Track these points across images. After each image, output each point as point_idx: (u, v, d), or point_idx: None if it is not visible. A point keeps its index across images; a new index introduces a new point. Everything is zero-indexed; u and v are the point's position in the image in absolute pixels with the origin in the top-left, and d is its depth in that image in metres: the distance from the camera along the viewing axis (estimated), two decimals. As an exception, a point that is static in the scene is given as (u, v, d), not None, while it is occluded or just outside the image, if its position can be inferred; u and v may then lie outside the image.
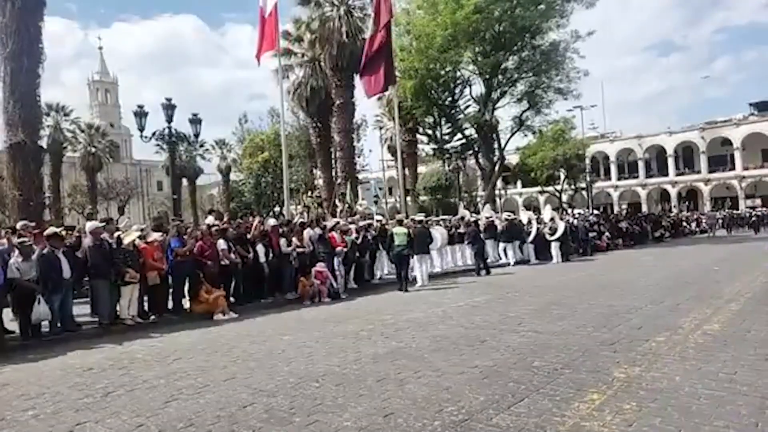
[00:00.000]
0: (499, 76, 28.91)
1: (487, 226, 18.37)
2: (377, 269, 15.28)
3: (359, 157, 37.37)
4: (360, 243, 13.94)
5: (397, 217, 15.74)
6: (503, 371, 5.48)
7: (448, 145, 35.34)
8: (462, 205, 26.58)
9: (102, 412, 4.87)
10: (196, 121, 17.32)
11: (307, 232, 12.84)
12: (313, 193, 24.14)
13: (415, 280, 13.83)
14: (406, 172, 38.06)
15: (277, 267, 11.98)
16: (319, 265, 12.04)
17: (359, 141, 38.27)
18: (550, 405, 4.43)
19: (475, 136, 31.38)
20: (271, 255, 11.87)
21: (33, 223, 10.57)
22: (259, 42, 18.02)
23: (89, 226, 9.83)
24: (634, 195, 61.64)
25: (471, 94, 31.41)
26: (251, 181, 45.95)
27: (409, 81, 27.88)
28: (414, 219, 15.74)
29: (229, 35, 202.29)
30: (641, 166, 61.17)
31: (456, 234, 17.93)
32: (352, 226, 14.31)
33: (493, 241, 18.54)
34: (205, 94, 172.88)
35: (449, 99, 31.52)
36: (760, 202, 52.36)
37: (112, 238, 9.78)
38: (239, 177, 52.65)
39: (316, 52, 28.43)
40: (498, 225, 19.04)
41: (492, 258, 18.05)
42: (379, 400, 4.78)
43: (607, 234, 24.59)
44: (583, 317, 8.18)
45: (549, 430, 3.95)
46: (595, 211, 33.95)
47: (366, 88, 19.81)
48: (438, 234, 16.25)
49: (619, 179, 62.79)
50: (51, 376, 6.35)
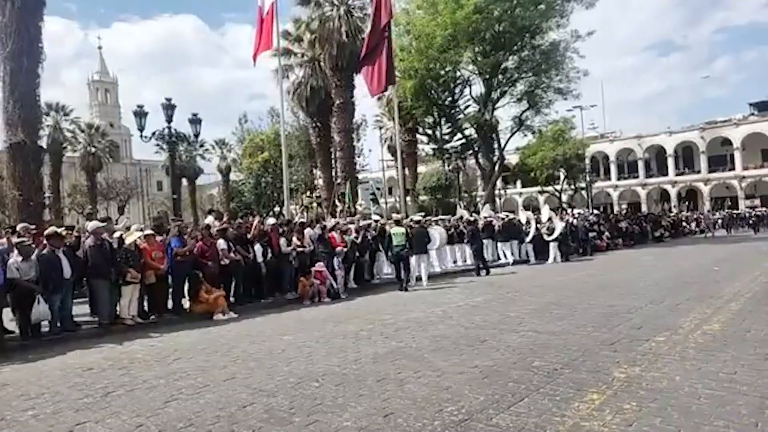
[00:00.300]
0: (499, 76, 28.92)
1: (485, 225, 18.38)
2: (376, 269, 15.28)
3: (359, 157, 37.39)
4: (360, 243, 13.95)
5: (394, 217, 15.72)
6: (503, 371, 5.48)
7: (447, 145, 35.36)
8: (461, 206, 26.54)
9: (102, 412, 4.87)
10: (195, 121, 17.34)
11: (307, 231, 12.86)
12: (314, 193, 24.14)
13: (417, 279, 13.85)
14: (406, 172, 38.10)
15: (276, 267, 11.98)
16: (319, 265, 12.05)
17: (359, 141, 38.29)
18: (550, 405, 4.43)
19: (475, 136, 31.40)
20: (270, 255, 11.87)
21: (33, 225, 10.56)
22: (257, 42, 18.02)
23: (91, 226, 9.83)
24: (634, 195, 61.66)
25: (471, 94, 31.49)
26: (251, 181, 45.97)
27: (409, 81, 27.89)
28: (412, 219, 15.74)
29: (229, 35, 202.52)
30: (641, 166, 61.19)
31: (455, 234, 17.94)
32: (352, 226, 14.33)
33: (491, 240, 18.56)
34: (205, 94, 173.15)
35: (449, 99, 31.52)
36: (759, 202, 52.40)
37: (111, 238, 9.78)
38: (239, 177, 52.66)
39: (316, 52, 28.43)
40: (496, 225, 19.07)
41: (490, 258, 18.05)
42: (379, 400, 4.77)
43: (606, 234, 24.60)
44: (583, 317, 8.18)
45: (549, 430, 3.95)
46: (595, 211, 33.90)
47: (367, 80, 19.73)
48: (437, 234, 16.24)
49: (618, 179, 62.81)
50: (51, 376, 6.35)
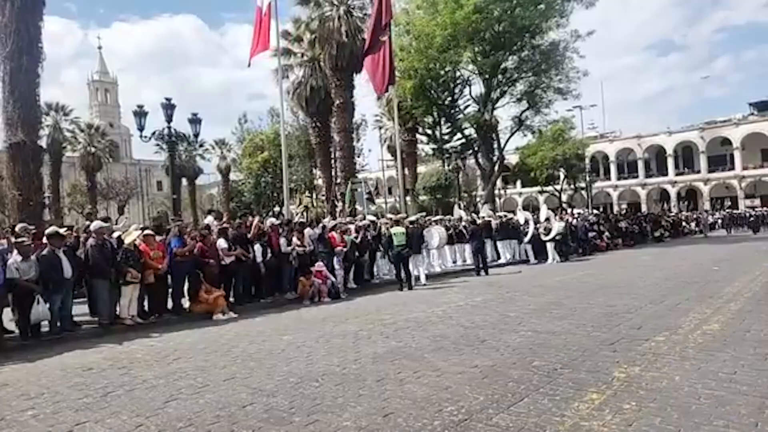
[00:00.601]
0: (499, 76, 28.94)
1: (483, 225, 18.36)
2: (376, 269, 15.27)
3: (359, 156, 37.50)
4: (360, 243, 13.95)
5: (389, 216, 15.68)
6: (503, 371, 5.48)
7: (447, 145, 35.35)
8: (460, 206, 26.49)
9: (101, 412, 4.87)
10: (195, 120, 17.31)
11: (307, 231, 12.85)
12: (316, 193, 24.14)
13: (417, 279, 13.86)
14: (406, 171, 38.07)
15: (276, 267, 11.97)
16: (318, 265, 12.04)
17: (359, 141, 38.41)
18: (549, 405, 4.43)
19: (475, 135, 31.40)
20: (269, 254, 11.85)
21: (32, 225, 10.55)
22: (255, 42, 17.96)
23: (94, 226, 9.83)
24: (634, 195, 61.69)
25: (471, 94, 31.50)
26: (251, 180, 46.01)
27: (409, 81, 27.90)
28: (410, 219, 15.73)
29: (228, 35, 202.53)
30: (641, 165, 61.23)
31: (455, 234, 17.92)
32: (352, 226, 14.32)
33: (489, 240, 18.54)
34: (205, 94, 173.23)
35: (449, 99, 31.53)
36: (759, 202, 52.41)
37: (111, 238, 9.78)
38: (239, 177, 52.70)
39: (316, 52, 28.44)
40: (493, 224, 19.05)
41: (489, 258, 18.03)
42: (379, 400, 4.77)
43: (606, 234, 24.60)
44: (583, 317, 8.18)
45: (549, 429, 3.95)
46: (595, 211, 33.92)
47: (370, 73, 19.66)
48: (436, 233, 16.24)
49: (618, 179, 62.86)
50: (50, 376, 6.34)
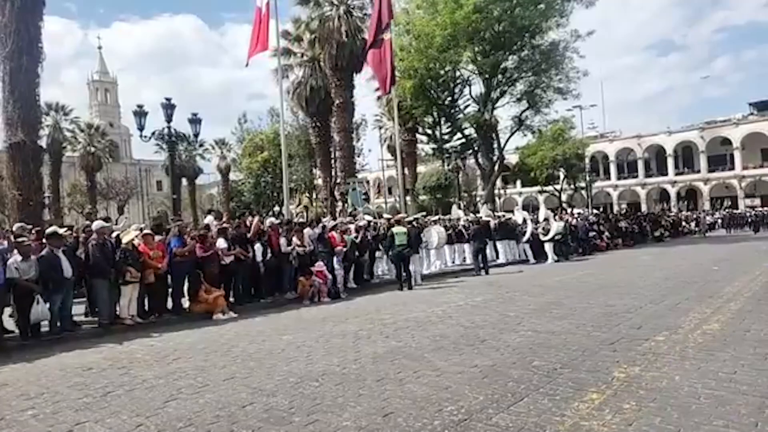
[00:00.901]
0: (499, 76, 28.93)
1: (482, 225, 18.33)
2: (376, 268, 15.27)
3: (359, 156, 37.49)
4: (360, 243, 13.94)
5: (386, 216, 15.65)
6: (503, 371, 5.48)
7: (447, 145, 35.32)
8: (459, 205, 26.47)
9: (101, 412, 4.87)
10: (195, 120, 17.32)
11: (307, 231, 12.85)
12: (315, 193, 24.13)
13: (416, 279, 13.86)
14: (406, 171, 38.08)
15: (276, 266, 11.97)
16: (318, 265, 12.04)
17: (359, 141, 38.39)
18: (549, 404, 4.43)
19: (475, 135, 31.39)
20: (269, 254, 11.85)
21: (30, 226, 10.55)
22: (253, 43, 17.93)
23: (96, 225, 9.84)
24: (634, 195, 61.66)
25: (471, 94, 31.48)
26: (251, 180, 45.98)
27: (409, 81, 27.88)
28: (409, 219, 15.71)
29: (228, 35, 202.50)
30: (641, 165, 61.19)
31: (454, 234, 17.91)
32: (352, 226, 14.31)
33: (488, 240, 18.51)
34: (205, 94, 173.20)
35: (449, 99, 31.51)
36: (759, 202, 52.39)
37: (110, 238, 9.78)
38: (239, 177, 52.67)
39: (316, 52, 28.45)
40: (492, 224, 19.03)
41: (488, 257, 18.02)
42: (379, 400, 4.77)
43: (606, 234, 24.59)
44: (583, 317, 8.18)
45: (549, 429, 3.94)
46: (595, 211, 33.93)
47: (373, 67, 19.66)
48: (435, 233, 16.22)
49: (618, 179, 62.82)
50: (50, 376, 6.34)
